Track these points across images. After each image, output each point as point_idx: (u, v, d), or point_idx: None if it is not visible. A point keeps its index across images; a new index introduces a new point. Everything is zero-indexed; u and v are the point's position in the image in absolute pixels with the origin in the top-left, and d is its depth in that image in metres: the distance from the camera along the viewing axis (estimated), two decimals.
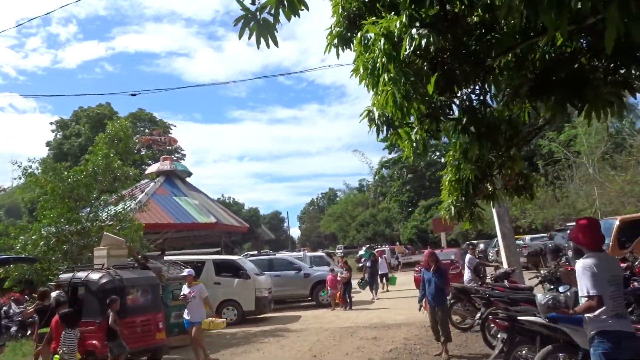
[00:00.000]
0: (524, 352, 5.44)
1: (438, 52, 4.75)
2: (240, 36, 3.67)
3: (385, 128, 5.11)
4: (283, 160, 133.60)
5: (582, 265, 3.82)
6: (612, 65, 5.99)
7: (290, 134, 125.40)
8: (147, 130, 50.19)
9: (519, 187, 8.08)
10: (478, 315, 7.96)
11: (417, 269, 22.82)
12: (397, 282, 20.89)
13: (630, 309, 5.23)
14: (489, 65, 5.06)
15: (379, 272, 20.09)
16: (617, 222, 13.86)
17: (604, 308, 3.71)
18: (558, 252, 19.85)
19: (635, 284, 4.97)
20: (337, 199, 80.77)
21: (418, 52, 4.35)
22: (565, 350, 4.73)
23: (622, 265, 9.90)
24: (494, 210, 13.09)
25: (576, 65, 5.72)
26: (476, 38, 5.04)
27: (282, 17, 3.83)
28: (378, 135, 5.29)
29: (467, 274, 10.84)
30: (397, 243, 49.47)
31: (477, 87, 5.48)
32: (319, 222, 73.99)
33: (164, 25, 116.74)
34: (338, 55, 6.91)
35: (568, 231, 19.42)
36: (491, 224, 16.91)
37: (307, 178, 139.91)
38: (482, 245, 35.63)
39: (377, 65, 4.67)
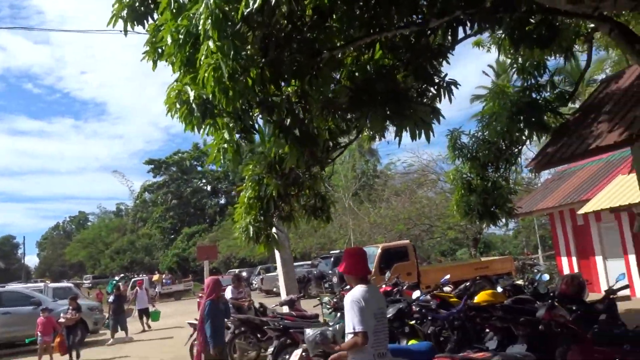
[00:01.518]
0: None
1: (275, 30, 3.89)
2: None
3: (201, 114, 3.96)
4: (24, 178, 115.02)
5: (351, 298, 3.62)
6: (424, 86, 6.07)
7: (35, 149, 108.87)
8: None
9: (316, 209, 7.71)
10: (271, 348, 7.14)
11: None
12: (162, 316, 18.85)
13: (442, 337, 5.08)
14: (324, 59, 4.41)
15: (138, 307, 17.34)
16: (379, 250, 14.98)
17: (366, 345, 3.56)
18: (322, 278, 20.83)
19: (451, 309, 4.80)
20: (89, 223, 72.57)
21: (259, 17, 3.40)
22: None
23: (392, 289, 10.39)
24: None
25: (392, 81, 5.58)
26: (312, 25, 4.34)
27: None
28: (189, 124, 4.12)
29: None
30: (156, 272, 46.25)
31: (303, 86, 4.77)
32: (64, 249, 64.88)
33: None
34: (126, 31, 5.53)
35: (332, 259, 20.54)
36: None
37: (54, 200, 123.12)
38: (244, 274, 35.64)
39: (199, 30, 3.54)
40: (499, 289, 8.06)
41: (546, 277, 7.48)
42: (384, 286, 11.21)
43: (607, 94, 8.55)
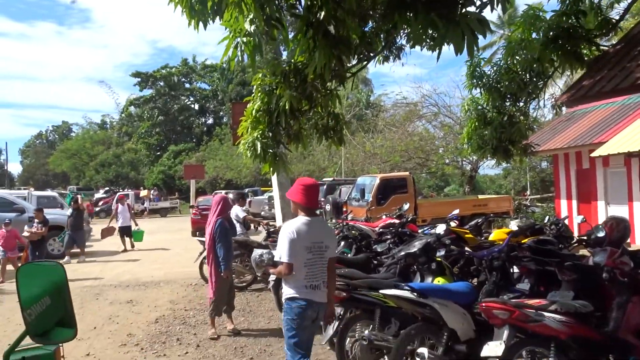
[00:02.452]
0: (364, 331, 4.30)
1: None
2: None
3: None
4: (5, 82, 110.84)
5: (285, 228, 3.74)
6: None
7: (15, 53, 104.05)
8: None
9: (328, 129, 7.00)
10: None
11: (194, 212, 20.70)
12: (148, 231, 18.43)
13: (481, 279, 4.58)
14: None
15: (120, 225, 15.26)
16: (377, 180, 14.45)
17: (297, 275, 3.67)
18: None
19: (493, 249, 4.26)
20: (73, 134, 70.94)
21: None
22: (427, 330, 3.75)
23: (396, 221, 9.92)
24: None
25: None
26: None
27: None
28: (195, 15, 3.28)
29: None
30: (142, 187, 45.80)
31: None
32: (47, 158, 63.65)
33: None
34: None
35: (325, 186, 20.08)
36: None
37: (36, 107, 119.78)
38: (230, 196, 35.23)
39: None
40: (513, 227, 7.61)
41: (581, 217, 7.00)
42: (384, 217, 10.77)
43: None
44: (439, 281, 4.44)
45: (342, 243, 7.71)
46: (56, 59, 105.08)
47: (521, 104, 9.34)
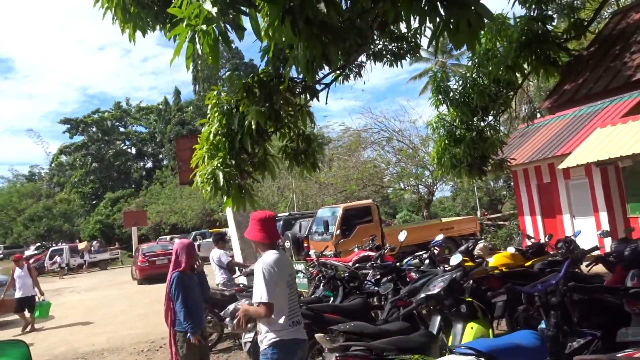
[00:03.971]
0: None
1: None
2: None
3: None
4: None
5: (262, 266, 3.44)
6: None
7: None
8: None
9: (299, 153, 6.02)
10: (248, 335, 5.46)
11: (141, 259, 18.54)
12: (86, 287, 16.51)
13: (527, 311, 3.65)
14: None
15: (19, 296, 11.32)
16: (340, 210, 13.52)
17: (279, 315, 3.40)
18: None
19: (549, 281, 3.36)
20: None
21: None
22: None
23: (372, 254, 8.97)
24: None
25: None
26: None
27: None
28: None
29: (219, 275, 8.03)
30: (77, 240, 42.65)
31: None
32: None
33: None
34: None
35: (281, 222, 18.93)
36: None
37: None
38: (176, 241, 33.28)
39: None
40: (511, 250, 6.83)
41: (606, 231, 6.28)
42: (356, 250, 9.81)
43: (628, 23, 7.39)
44: (473, 328, 3.49)
45: (321, 285, 6.62)
46: None
47: (490, 117, 8.84)
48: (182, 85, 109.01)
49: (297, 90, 5.14)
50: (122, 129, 59.18)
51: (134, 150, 59.24)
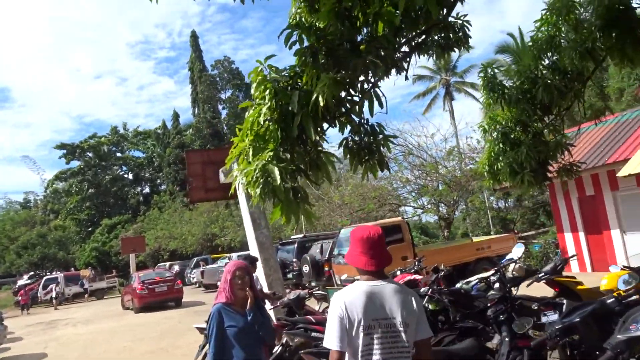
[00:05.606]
0: None
1: None
2: None
3: None
4: None
5: (334, 300, 2.55)
6: None
7: None
8: None
9: (363, 147, 4.76)
10: None
11: (139, 287, 17.06)
12: (83, 319, 14.97)
13: None
14: None
15: None
16: None
17: None
18: (285, 268, 17.85)
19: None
20: None
21: None
22: None
23: (418, 277, 7.68)
24: (245, 212, 9.58)
25: None
26: None
27: None
28: None
29: None
30: (72, 269, 40.97)
31: None
32: None
33: None
34: None
35: (296, 245, 17.56)
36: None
37: None
38: (176, 267, 31.71)
39: None
40: (613, 270, 5.53)
41: None
42: (398, 273, 8.47)
43: None
44: None
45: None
46: None
47: (551, 117, 7.66)
48: (179, 112, 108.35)
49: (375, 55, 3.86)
50: (119, 154, 57.98)
51: (131, 176, 57.93)
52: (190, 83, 52.52)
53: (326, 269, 13.45)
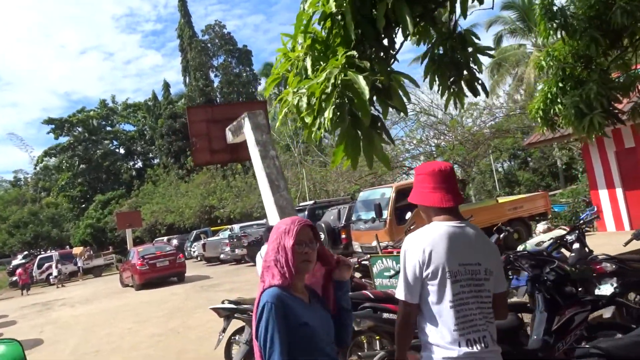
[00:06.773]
0: None
1: None
2: None
3: None
4: None
5: (407, 243, 2.17)
6: None
7: None
8: None
9: (451, 62, 3.60)
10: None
11: (140, 262, 16.00)
12: (81, 299, 13.87)
13: None
14: None
15: None
16: (392, 192, 11.04)
17: (438, 324, 2.05)
18: None
19: None
20: None
21: None
22: None
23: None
24: (261, 174, 8.40)
25: None
26: None
27: None
28: None
29: None
30: (67, 246, 39.88)
31: None
32: None
33: None
34: None
35: (305, 212, 16.50)
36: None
37: None
38: (175, 242, 30.63)
39: None
40: None
41: None
42: None
43: None
44: None
45: None
46: None
47: (619, 50, 6.49)
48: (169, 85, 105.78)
49: None
50: (109, 128, 56.19)
51: (122, 150, 56.30)
52: (180, 51, 50.44)
53: (343, 235, 12.38)
